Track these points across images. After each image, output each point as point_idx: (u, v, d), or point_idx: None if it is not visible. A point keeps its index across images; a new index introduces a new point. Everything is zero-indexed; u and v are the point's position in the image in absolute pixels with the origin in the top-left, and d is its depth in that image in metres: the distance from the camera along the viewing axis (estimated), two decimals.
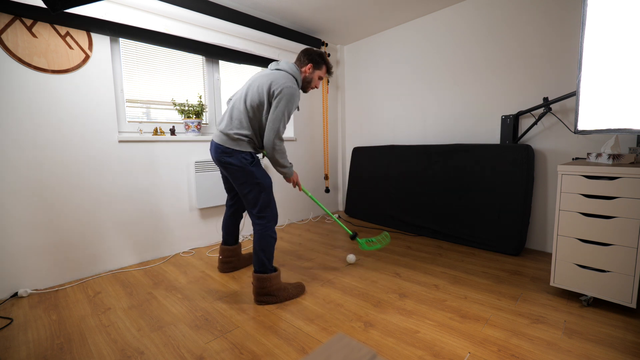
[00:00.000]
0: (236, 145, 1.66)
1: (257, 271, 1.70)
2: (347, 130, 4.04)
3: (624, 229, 1.49)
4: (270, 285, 1.69)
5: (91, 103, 2.10)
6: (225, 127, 1.68)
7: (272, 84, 1.62)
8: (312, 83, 1.82)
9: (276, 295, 1.71)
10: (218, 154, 1.69)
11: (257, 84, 1.66)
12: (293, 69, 1.72)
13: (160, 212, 2.45)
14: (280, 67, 1.73)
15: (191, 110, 2.58)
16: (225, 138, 1.67)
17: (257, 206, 1.70)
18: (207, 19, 2.46)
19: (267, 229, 1.71)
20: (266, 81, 1.64)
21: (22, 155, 1.87)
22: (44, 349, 1.38)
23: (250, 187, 1.69)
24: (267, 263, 1.69)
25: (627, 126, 1.44)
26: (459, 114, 2.90)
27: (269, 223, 1.71)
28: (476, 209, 2.54)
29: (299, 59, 1.79)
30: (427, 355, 1.29)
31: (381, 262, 2.29)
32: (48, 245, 1.97)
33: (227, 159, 1.66)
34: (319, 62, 1.79)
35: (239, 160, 1.66)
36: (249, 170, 1.67)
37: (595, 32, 1.49)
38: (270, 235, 1.71)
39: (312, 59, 1.78)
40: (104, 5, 2.00)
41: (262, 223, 1.70)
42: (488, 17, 2.63)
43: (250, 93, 1.65)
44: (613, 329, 1.43)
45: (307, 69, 1.78)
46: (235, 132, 1.65)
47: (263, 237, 1.69)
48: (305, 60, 1.78)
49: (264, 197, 1.71)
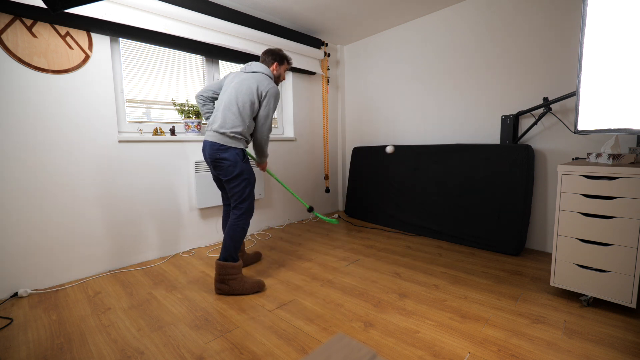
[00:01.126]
0: (231, 142, 1.80)
1: (221, 258, 1.83)
2: (347, 130, 4.04)
3: (624, 229, 1.49)
4: (227, 273, 1.80)
5: (91, 103, 2.10)
6: (220, 127, 1.81)
7: (259, 86, 1.84)
8: (280, 77, 2.04)
9: (230, 286, 1.81)
10: (213, 151, 1.81)
11: (244, 87, 1.83)
12: (267, 71, 1.93)
13: (160, 212, 2.45)
14: (258, 69, 1.92)
15: (191, 110, 2.58)
16: (220, 136, 1.80)
17: (240, 198, 1.86)
18: (207, 19, 2.46)
19: (241, 219, 1.85)
20: (253, 83, 1.84)
21: (22, 155, 1.87)
22: (44, 349, 1.38)
23: (239, 181, 1.83)
24: (232, 252, 1.82)
25: (627, 126, 1.44)
26: (459, 113, 2.90)
27: (244, 214, 1.86)
28: (476, 209, 2.54)
29: (264, 60, 1.99)
30: (427, 355, 1.29)
31: (381, 262, 2.29)
32: (48, 245, 1.97)
33: (222, 155, 1.80)
34: (281, 59, 2.01)
35: (233, 155, 1.80)
36: (241, 165, 1.82)
37: (595, 32, 1.49)
38: (242, 227, 1.85)
39: (275, 57, 1.99)
40: (104, 5, 2.00)
41: (238, 213, 1.85)
42: (488, 17, 2.63)
43: (241, 96, 1.82)
44: (613, 329, 1.43)
45: (274, 67, 1.99)
46: (231, 130, 1.80)
47: (236, 226, 1.84)
48: (270, 60, 1.98)
49: (248, 192, 1.87)
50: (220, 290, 1.83)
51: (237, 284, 1.82)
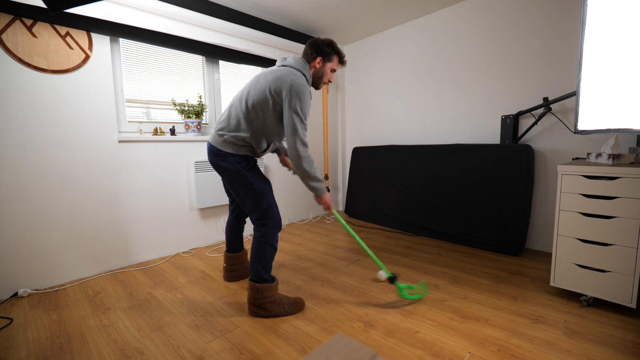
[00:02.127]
0: (229, 148, 1.51)
1: (252, 279, 1.58)
2: (347, 130, 4.04)
3: (624, 229, 1.49)
4: (262, 297, 1.56)
5: (91, 103, 2.10)
6: (221, 129, 1.54)
7: (276, 80, 1.44)
8: (325, 77, 1.62)
9: (267, 310, 1.58)
10: (212, 157, 1.57)
11: (260, 81, 1.49)
12: (300, 64, 1.53)
13: (161, 212, 2.45)
14: (287, 63, 1.55)
15: (191, 110, 2.58)
16: (218, 140, 1.54)
17: (256, 213, 1.56)
18: (207, 19, 2.46)
19: (267, 238, 1.56)
20: (270, 78, 1.46)
21: (22, 155, 1.87)
22: (44, 349, 1.38)
23: (246, 193, 1.55)
24: (262, 272, 1.56)
25: (627, 126, 1.44)
26: (459, 114, 2.90)
27: (269, 231, 1.56)
28: (476, 209, 2.54)
29: (306, 53, 1.59)
30: (427, 355, 1.29)
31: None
32: (48, 245, 1.97)
33: (220, 163, 1.54)
34: (329, 54, 1.57)
35: (232, 164, 1.52)
36: (243, 175, 1.53)
37: (595, 32, 1.49)
38: (270, 244, 1.56)
39: (320, 50, 1.56)
40: (104, 5, 2.00)
41: (262, 231, 1.56)
42: (488, 17, 2.63)
43: (253, 91, 1.48)
44: (613, 329, 1.43)
45: (316, 63, 1.57)
46: (231, 134, 1.51)
47: (261, 245, 1.56)
48: (313, 54, 1.57)
49: (263, 204, 1.55)
50: (256, 314, 1.59)
51: (277, 308, 1.58)
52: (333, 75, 1.65)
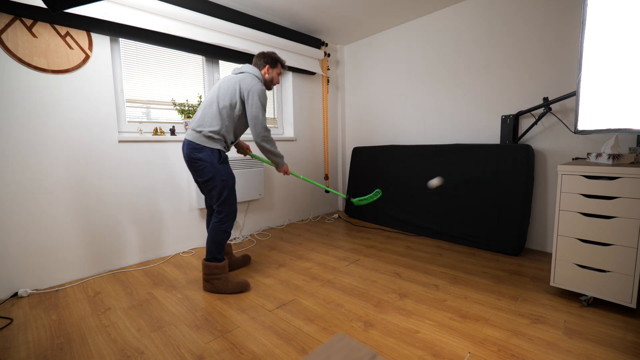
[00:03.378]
0: (207, 142, 1.78)
1: (205, 258, 1.86)
2: (347, 130, 4.04)
3: (624, 229, 1.49)
4: (210, 273, 1.84)
5: (91, 103, 2.10)
6: (198, 126, 1.79)
7: (241, 84, 1.81)
8: (274, 81, 2.00)
9: (213, 285, 1.85)
10: (189, 150, 1.79)
11: (225, 86, 1.83)
12: (255, 71, 1.91)
13: (160, 212, 2.45)
14: (244, 70, 1.91)
15: (191, 110, 2.58)
16: (197, 135, 1.78)
17: (219, 201, 1.83)
18: (207, 19, 2.46)
19: (223, 223, 1.85)
20: (234, 83, 1.82)
21: (21, 155, 1.87)
22: (44, 349, 1.38)
23: (215, 183, 1.80)
24: (215, 253, 1.84)
25: (627, 126, 1.44)
26: (459, 114, 2.90)
27: (225, 217, 1.85)
28: (476, 209, 2.54)
29: (256, 64, 1.97)
30: (427, 355, 1.29)
31: (381, 262, 2.29)
32: (48, 245, 1.97)
33: (198, 155, 1.77)
34: (273, 61, 1.97)
35: (208, 156, 1.78)
36: (216, 167, 1.79)
37: (595, 32, 1.49)
38: (225, 230, 1.85)
39: (267, 60, 1.96)
40: (104, 5, 2.00)
41: (219, 217, 1.85)
42: (488, 17, 2.63)
43: (222, 95, 1.81)
44: (613, 329, 1.43)
45: (265, 70, 1.96)
46: (208, 129, 1.78)
47: (217, 229, 1.84)
48: (262, 63, 1.96)
49: (227, 194, 1.84)
50: (206, 288, 1.88)
51: (221, 284, 1.85)
52: (279, 77, 2.05)
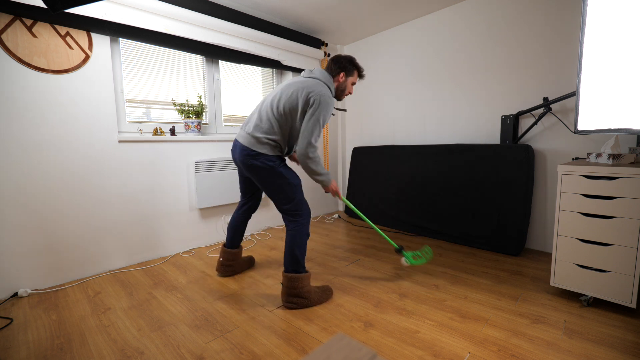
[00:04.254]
0: (263, 149, 1.63)
1: (288, 271, 1.65)
2: (347, 130, 4.04)
3: (624, 229, 1.49)
4: (300, 287, 1.64)
5: (91, 103, 2.10)
6: (254, 130, 1.64)
7: (307, 91, 1.59)
8: (346, 90, 1.80)
9: (307, 298, 1.65)
10: (243, 157, 1.65)
11: (291, 90, 1.62)
12: (327, 78, 1.70)
13: (161, 212, 2.45)
14: (314, 75, 1.70)
15: (191, 110, 2.58)
16: (253, 141, 1.64)
17: (290, 204, 1.67)
18: (207, 19, 2.46)
19: (303, 226, 1.67)
20: (301, 88, 1.60)
21: (22, 155, 1.87)
22: (44, 349, 1.38)
23: (279, 188, 1.66)
24: (301, 261, 1.65)
25: (627, 126, 1.44)
26: (459, 113, 2.90)
27: (303, 220, 1.68)
28: (476, 209, 2.54)
29: (330, 68, 1.76)
30: (427, 355, 1.29)
31: (381, 262, 2.29)
32: (48, 245, 1.97)
33: (254, 162, 1.63)
34: (350, 69, 1.76)
35: (265, 163, 1.63)
36: (277, 171, 1.65)
37: (595, 32, 1.49)
38: (307, 233, 1.69)
39: (343, 66, 1.74)
40: (104, 5, 2.00)
41: (297, 220, 1.68)
42: (488, 17, 2.63)
43: (284, 99, 1.61)
44: (613, 329, 1.43)
45: (339, 77, 1.75)
46: (265, 136, 1.62)
47: (298, 234, 1.66)
48: (337, 69, 1.74)
49: (297, 196, 1.68)
50: (295, 304, 1.65)
51: (314, 296, 1.67)
52: (353, 87, 1.80)
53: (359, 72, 1.81)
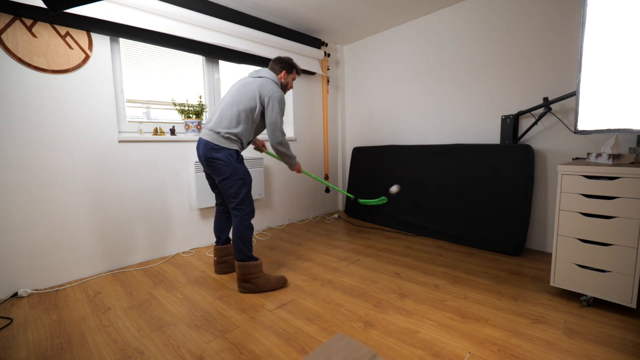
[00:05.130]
0: (224, 143, 1.79)
1: (238, 259, 1.85)
2: (347, 130, 4.04)
3: (624, 229, 1.49)
4: (250, 273, 1.83)
5: (91, 103, 2.10)
6: (215, 126, 1.80)
7: (262, 90, 1.84)
8: (288, 85, 2.05)
9: (255, 284, 1.84)
10: (206, 150, 1.80)
11: (246, 90, 1.84)
12: (273, 76, 1.95)
13: (160, 212, 2.45)
14: (262, 74, 1.94)
15: (191, 110, 2.58)
16: (215, 136, 1.79)
17: (237, 199, 1.84)
18: (207, 19, 2.46)
19: (245, 220, 1.85)
20: (255, 88, 1.84)
21: (22, 155, 1.86)
22: (44, 349, 1.38)
23: (233, 182, 1.81)
24: (245, 251, 1.84)
25: (627, 126, 1.44)
26: (458, 113, 2.90)
27: (246, 215, 1.86)
28: (476, 209, 2.54)
29: (273, 68, 2.00)
30: (427, 355, 1.29)
31: (381, 262, 2.29)
32: (48, 245, 1.97)
33: (215, 155, 1.78)
34: (290, 68, 2.02)
35: (226, 156, 1.79)
36: (234, 165, 1.81)
37: (595, 32, 1.49)
38: (247, 226, 1.85)
39: (283, 66, 2.00)
40: (104, 5, 2.00)
41: (240, 215, 1.85)
42: (488, 17, 2.63)
43: (242, 98, 1.82)
44: (613, 329, 1.43)
45: (282, 75, 2.00)
46: (226, 131, 1.79)
47: (240, 227, 1.84)
48: (279, 68, 1.99)
49: (245, 192, 1.85)
50: (245, 289, 1.85)
51: (264, 281, 1.85)
52: (293, 82, 2.10)
53: (297, 70, 2.08)
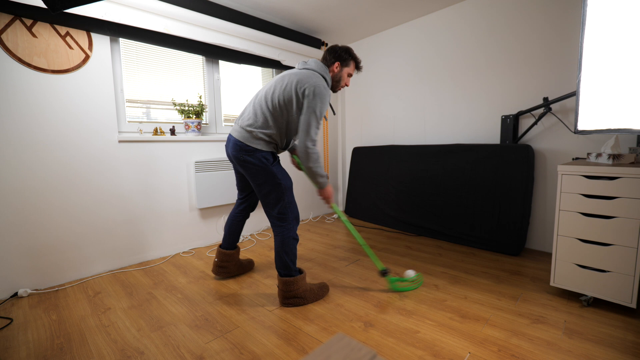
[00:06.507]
0: (258, 144, 1.58)
1: (282, 275, 1.66)
2: (347, 130, 4.04)
3: (624, 229, 1.49)
4: (296, 288, 1.65)
5: (91, 103, 2.10)
6: (248, 124, 1.58)
7: (300, 82, 1.54)
8: (342, 81, 1.74)
9: (304, 297, 1.68)
10: (237, 152, 1.59)
11: (285, 82, 1.58)
12: (322, 68, 1.65)
13: (161, 212, 2.45)
14: (308, 66, 1.65)
15: (191, 110, 2.58)
16: (247, 135, 1.58)
17: (278, 207, 1.63)
18: (207, 19, 2.46)
19: (289, 231, 1.64)
20: (294, 79, 1.56)
21: (21, 155, 1.87)
22: (44, 349, 1.38)
23: (270, 188, 1.61)
24: (291, 265, 1.65)
25: (627, 126, 1.44)
26: (459, 113, 2.90)
27: (290, 225, 1.64)
28: (476, 209, 2.54)
29: (325, 58, 1.71)
30: (427, 355, 1.29)
31: (381, 262, 2.29)
32: (48, 245, 1.97)
33: (247, 158, 1.58)
34: (346, 59, 1.70)
35: (260, 160, 1.58)
36: (270, 170, 1.60)
37: (595, 32, 1.49)
38: (293, 237, 1.65)
39: (338, 56, 1.69)
40: (104, 5, 2.00)
41: (283, 225, 1.64)
42: (488, 17, 2.63)
43: (278, 91, 1.57)
44: (613, 329, 1.43)
45: (334, 67, 1.69)
46: (259, 130, 1.57)
47: (285, 239, 1.63)
48: (332, 59, 1.69)
49: (286, 199, 1.64)
50: (292, 304, 1.68)
51: (311, 294, 1.70)
52: (349, 79, 1.78)
53: (356, 62, 1.75)
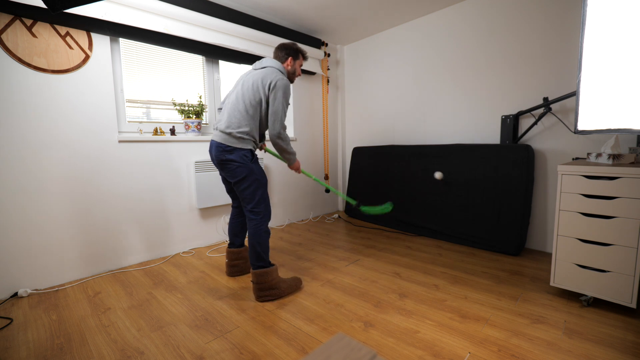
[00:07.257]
0: (237, 143, 1.71)
1: (255, 267, 1.75)
2: (347, 130, 4.04)
3: (624, 229, 1.49)
4: (270, 280, 1.74)
5: (91, 103, 2.10)
6: (226, 127, 1.73)
7: (265, 79, 1.72)
8: (296, 73, 1.94)
9: (277, 288, 1.77)
10: (219, 152, 1.73)
11: (250, 82, 1.74)
12: (278, 65, 1.83)
13: (160, 212, 2.45)
14: (266, 64, 1.82)
15: (191, 110, 2.58)
16: (226, 137, 1.72)
17: (253, 202, 1.76)
18: (207, 19, 2.46)
19: (262, 224, 1.77)
20: (258, 78, 1.73)
21: (22, 155, 1.87)
22: (44, 349, 1.38)
23: (248, 183, 1.74)
24: (264, 257, 1.75)
25: (627, 126, 1.44)
26: (459, 113, 2.90)
27: (263, 219, 1.78)
28: (476, 209, 2.54)
29: (277, 56, 1.89)
30: (427, 355, 1.29)
31: (381, 262, 2.29)
32: (48, 245, 1.97)
33: (228, 156, 1.71)
34: (295, 54, 1.90)
35: (240, 157, 1.72)
36: (249, 166, 1.73)
37: (595, 32, 1.49)
38: (265, 230, 1.77)
39: (289, 52, 1.88)
40: (104, 5, 2.00)
41: (257, 218, 1.76)
42: (488, 17, 2.63)
43: (247, 93, 1.73)
44: (613, 329, 1.43)
45: (288, 63, 1.88)
46: (237, 130, 1.71)
47: (257, 231, 1.75)
48: (285, 55, 1.88)
49: (261, 194, 1.78)
50: (267, 297, 1.75)
51: (285, 285, 1.80)
52: (300, 69, 1.98)
53: (303, 55, 1.95)
